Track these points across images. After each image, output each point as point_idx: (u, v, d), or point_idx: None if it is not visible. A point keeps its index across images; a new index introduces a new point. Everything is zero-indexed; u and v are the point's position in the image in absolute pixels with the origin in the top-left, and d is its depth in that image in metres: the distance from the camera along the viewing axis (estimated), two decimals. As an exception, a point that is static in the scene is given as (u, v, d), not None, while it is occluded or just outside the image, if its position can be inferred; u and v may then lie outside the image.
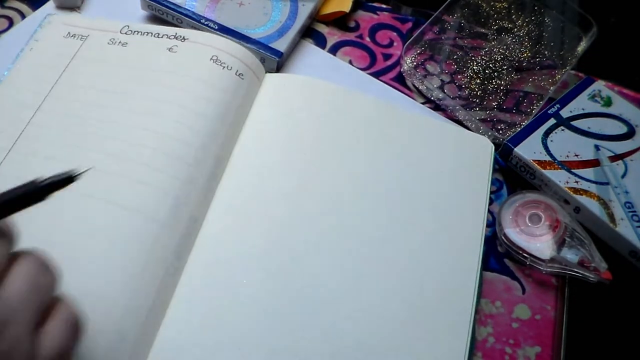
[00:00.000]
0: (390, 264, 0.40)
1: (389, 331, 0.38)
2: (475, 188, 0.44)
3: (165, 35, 0.47)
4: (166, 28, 0.48)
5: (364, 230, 0.41)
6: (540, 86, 0.51)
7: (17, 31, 0.50)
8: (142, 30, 0.47)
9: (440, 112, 0.50)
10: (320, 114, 0.45)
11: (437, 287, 0.40)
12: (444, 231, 0.42)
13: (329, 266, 0.39)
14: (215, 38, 0.47)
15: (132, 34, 0.47)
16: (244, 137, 0.44)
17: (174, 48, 0.46)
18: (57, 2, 0.51)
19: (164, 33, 0.47)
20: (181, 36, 0.47)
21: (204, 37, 0.47)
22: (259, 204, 0.41)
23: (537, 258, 0.42)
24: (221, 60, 0.45)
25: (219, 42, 0.46)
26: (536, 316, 0.41)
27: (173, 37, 0.47)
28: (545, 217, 0.43)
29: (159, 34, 0.47)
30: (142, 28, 0.48)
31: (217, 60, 0.45)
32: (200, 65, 0.45)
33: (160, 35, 0.47)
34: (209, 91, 0.44)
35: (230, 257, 0.39)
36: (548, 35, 0.54)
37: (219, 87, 0.44)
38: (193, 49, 0.46)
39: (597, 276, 0.41)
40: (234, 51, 0.46)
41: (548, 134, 0.47)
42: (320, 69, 0.51)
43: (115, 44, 0.47)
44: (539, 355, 0.40)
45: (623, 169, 0.45)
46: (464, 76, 0.52)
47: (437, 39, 0.53)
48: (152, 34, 0.47)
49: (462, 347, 0.38)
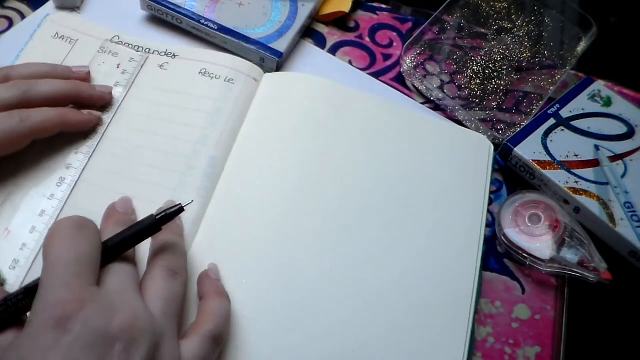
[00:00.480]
0: (390, 264, 0.40)
1: (388, 331, 0.38)
2: (475, 188, 0.44)
3: (157, 52, 0.47)
4: (156, 43, 0.48)
5: (363, 230, 0.41)
6: (540, 86, 0.51)
7: (16, 32, 0.50)
8: (132, 42, 0.48)
9: (440, 112, 0.50)
10: (319, 111, 0.45)
11: (437, 287, 0.40)
12: (444, 231, 0.42)
13: (327, 266, 0.39)
14: (204, 52, 0.48)
15: (122, 44, 0.47)
16: (241, 137, 0.44)
17: (164, 65, 0.46)
18: (57, 2, 0.50)
19: (154, 49, 0.47)
20: (171, 53, 0.47)
21: (194, 53, 0.47)
22: (258, 202, 0.41)
23: (536, 258, 0.42)
24: (209, 71, 0.46)
25: (208, 55, 0.47)
26: (536, 316, 0.41)
27: (164, 54, 0.47)
28: (545, 217, 0.43)
29: (149, 50, 0.47)
30: (133, 40, 0.48)
31: (205, 72, 0.46)
32: (189, 81, 0.46)
33: (151, 51, 0.47)
34: (197, 103, 0.44)
35: (229, 258, 0.39)
36: (548, 35, 0.54)
37: (208, 96, 0.45)
38: (183, 65, 0.46)
39: (597, 276, 0.41)
40: (222, 61, 0.47)
41: (548, 134, 0.47)
42: (320, 69, 0.51)
43: (106, 52, 0.47)
44: (539, 355, 0.40)
45: (623, 169, 0.45)
46: (464, 76, 0.52)
47: (437, 39, 0.53)
48: (143, 49, 0.47)
49: (461, 347, 0.38)
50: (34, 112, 0.39)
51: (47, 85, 0.40)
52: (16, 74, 0.41)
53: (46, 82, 0.41)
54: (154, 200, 0.38)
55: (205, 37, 0.50)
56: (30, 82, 0.40)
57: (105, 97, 0.44)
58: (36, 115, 0.39)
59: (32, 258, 0.38)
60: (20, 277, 0.37)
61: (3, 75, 0.40)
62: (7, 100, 0.38)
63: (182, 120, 0.44)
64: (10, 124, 0.37)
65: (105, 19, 0.50)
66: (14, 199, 0.40)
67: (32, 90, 0.39)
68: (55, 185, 0.40)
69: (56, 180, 0.41)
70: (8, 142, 0.38)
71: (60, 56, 0.46)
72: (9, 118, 0.38)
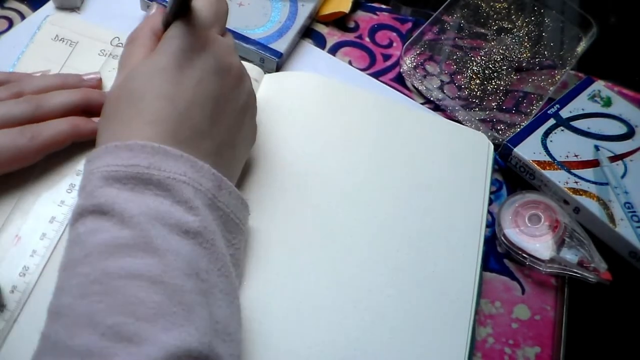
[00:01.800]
0: (390, 264, 0.40)
1: (388, 331, 0.38)
2: (475, 188, 0.44)
3: None
4: None
5: (363, 229, 0.41)
6: (540, 86, 0.51)
7: (16, 32, 0.50)
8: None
9: (439, 112, 0.50)
10: (319, 110, 0.45)
11: (437, 288, 0.40)
12: (443, 231, 0.42)
13: (326, 266, 0.39)
14: None
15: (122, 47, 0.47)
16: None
17: None
18: (56, 2, 0.50)
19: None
20: None
21: None
22: (257, 203, 0.41)
23: (536, 258, 0.42)
24: None
25: None
26: (536, 316, 0.41)
27: None
28: (545, 218, 0.43)
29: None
30: None
31: None
32: None
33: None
34: None
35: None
36: (548, 36, 0.54)
37: None
38: None
39: (597, 276, 0.41)
40: None
41: (548, 134, 0.47)
42: (320, 70, 0.51)
43: (106, 55, 0.47)
44: (539, 355, 0.40)
45: (623, 169, 0.45)
46: (464, 76, 0.52)
47: (436, 40, 0.53)
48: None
49: (461, 347, 0.38)
50: (45, 128, 0.39)
51: (58, 98, 0.40)
52: (28, 88, 0.41)
53: (57, 95, 0.41)
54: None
55: (205, 37, 0.50)
56: (41, 96, 0.40)
57: None
58: (48, 130, 0.39)
59: (42, 265, 0.37)
60: (30, 285, 0.36)
61: (16, 91, 0.40)
62: (18, 116, 0.38)
63: None
64: (23, 141, 0.37)
65: (105, 19, 0.50)
66: (24, 205, 0.39)
67: (43, 105, 0.39)
68: (65, 191, 0.40)
69: (66, 187, 0.40)
70: (20, 159, 0.38)
71: (61, 59, 0.46)
72: (20, 135, 0.37)
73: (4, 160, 0.37)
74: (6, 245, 0.38)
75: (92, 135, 0.41)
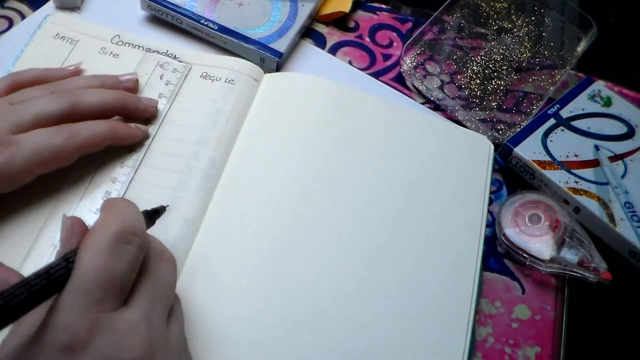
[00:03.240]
0: (390, 264, 0.40)
1: (388, 331, 0.38)
2: (475, 187, 0.44)
3: (157, 52, 0.47)
4: (157, 42, 0.48)
5: (362, 230, 0.41)
6: (540, 86, 0.51)
7: (16, 32, 0.50)
8: (133, 42, 0.47)
9: (440, 112, 0.50)
10: (319, 110, 0.45)
11: (437, 288, 0.40)
12: (444, 231, 0.42)
13: (327, 266, 0.39)
14: (204, 56, 0.48)
15: (123, 45, 0.47)
16: (241, 138, 0.44)
17: (165, 65, 0.46)
18: (56, 2, 0.50)
19: (154, 49, 0.47)
20: (172, 54, 0.47)
21: (194, 56, 0.47)
22: (258, 203, 0.41)
23: (536, 258, 0.42)
24: (210, 74, 0.46)
25: (208, 59, 0.47)
26: (536, 316, 0.41)
27: (164, 54, 0.47)
28: (545, 218, 0.43)
29: (150, 49, 0.47)
30: (133, 40, 0.48)
31: (206, 76, 0.46)
32: (190, 84, 0.46)
33: (151, 51, 0.47)
34: (198, 104, 0.44)
35: (229, 258, 0.39)
36: (548, 35, 0.54)
37: (208, 98, 0.45)
38: (184, 68, 0.46)
39: (597, 276, 0.41)
40: (223, 63, 0.47)
41: (548, 134, 0.47)
42: (320, 69, 0.51)
43: (107, 54, 0.47)
44: (539, 355, 0.40)
45: (623, 169, 0.45)
46: (464, 76, 0.52)
47: (436, 39, 0.53)
48: (144, 48, 0.47)
49: (461, 347, 0.38)
50: (82, 128, 0.38)
51: (95, 96, 0.39)
52: (65, 87, 0.40)
53: (93, 93, 0.40)
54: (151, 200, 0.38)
55: (205, 37, 0.50)
56: (78, 92, 0.39)
57: (150, 110, 0.43)
58: (85, 131, 0.38)
59: None
60: None
61: (52, 90, 0.39)
62: (55, 112, 0.37)
63: (182, 122, 0.44)
64: (59, 141, 0.36)
65: (105, 19, 0.50)
66: (59, 213, 0.39)
67: (79, 102, 0.38)
68: (101, 199, 0.39)
69: (102, 194, 0.40)
70: (56, 159, 0.37)
71: (61, 57, 0.46)
72: (57, 134, 0.36)
73: (41, 160, 0.36)
74: (43, 254, 0.38)
75: (128, 141, 0.41)
